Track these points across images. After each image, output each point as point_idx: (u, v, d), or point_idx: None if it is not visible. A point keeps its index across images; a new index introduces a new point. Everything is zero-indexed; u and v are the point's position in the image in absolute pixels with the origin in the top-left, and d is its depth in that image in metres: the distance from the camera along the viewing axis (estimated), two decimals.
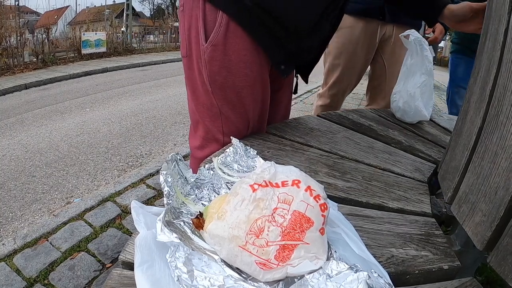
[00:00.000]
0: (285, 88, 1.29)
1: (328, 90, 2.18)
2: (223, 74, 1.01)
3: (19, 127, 4.63)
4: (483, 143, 0.68)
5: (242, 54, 1.00)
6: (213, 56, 1.00)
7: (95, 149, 3.78)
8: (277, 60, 1.06)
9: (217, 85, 1.03)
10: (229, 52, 0.99)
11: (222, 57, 0.99)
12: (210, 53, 0.99)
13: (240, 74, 1.02)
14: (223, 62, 1.00)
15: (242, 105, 1.06)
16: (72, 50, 11.10)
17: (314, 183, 0.54)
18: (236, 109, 1.07)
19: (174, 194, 0.61)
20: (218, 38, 0.98)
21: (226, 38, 0.98)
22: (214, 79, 1.02)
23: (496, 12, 0.71)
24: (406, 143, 1.22)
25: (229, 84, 1.03)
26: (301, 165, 0.94)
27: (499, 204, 0.57)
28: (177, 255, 0.46)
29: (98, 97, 6.32)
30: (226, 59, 1.00)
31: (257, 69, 1.04)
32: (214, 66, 1.01)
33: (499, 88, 0.64)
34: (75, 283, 1.75)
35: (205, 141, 1.15)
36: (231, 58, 1.00)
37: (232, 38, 0.98)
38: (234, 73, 1.01)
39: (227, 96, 1.05)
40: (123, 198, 2.59)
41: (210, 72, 1.02)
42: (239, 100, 1.05)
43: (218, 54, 0.99)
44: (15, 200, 2.71)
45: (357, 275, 0.45)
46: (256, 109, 1.10)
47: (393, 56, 2.03)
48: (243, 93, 1.05)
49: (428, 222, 0.77)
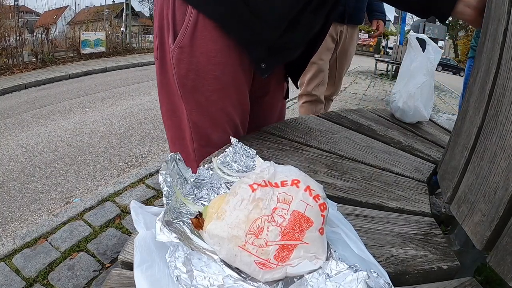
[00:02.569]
0: (276, 93, 1.22)
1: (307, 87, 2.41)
2: (191, 77, 0.96)
3: (18, 127, 4.63)
4: (482, 143, 0.68)
5: (212, 56, 0.94)
6: (180, 58, 0.95)
7: (95, 149, 3.77)
8: (256, 56, 0.98)
9: (187, 89, 0.98)
10: (196, 54, 0.94)
11: (189, 59, 0.94)
12: (177, 56, 0.95)
13: (209, 77, 0.96)
14: (190, 65, 0.95)
15: (213, 111, 1.00)
16: (71, 50, 11.10)
17: (314, 183, 0.54)
18: (206, 114, 1.01)
19: (173, 194, 0.60)
20: (184, 40, 0.93)
21: (193, 39, 0.93)
22: (183, 83, 0.97)
23: (495, 12, 0.71)
24: (406, 143, 1.22)
25: (198, 87, 0.97)
26: (301, 165, 0.94)
27: (499, 204, 0.57)
28: (177, 255, 0.46)
29: (98, 97, 6.31)
30: (194, 61, 0.94)
31: (229, 71, 0.98)
32: (181, 69, 0.96)
33: (499, 88, 0.64)
34: (74, 283, 1.75)
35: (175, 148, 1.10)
36: (199, 60, 0.94)
37: (200, 39, 0.93)
38: (202, 76, 0.96)
39: (197, 101, 0.99)
40: (123, 198, 2.59)
41: (179, 76, 0.97)
42: (210, 105, 1.00)
43: (185, 57, 0.94)
44: (14, 200, 2.71)
45: (356, 275, 0.45)
46: (230, 114, 1.04)
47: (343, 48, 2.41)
48: (213, 98, 0.99)
49: (428, 222, 0.77)
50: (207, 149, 1.00)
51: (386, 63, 11.27)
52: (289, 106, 5.40)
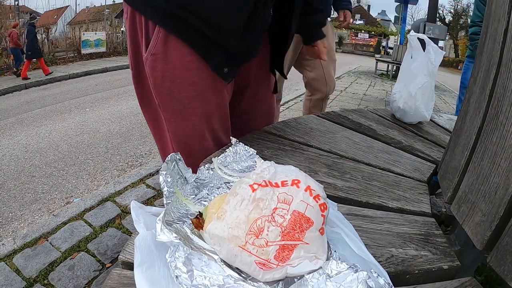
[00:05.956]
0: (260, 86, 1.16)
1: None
2: (167, 85, 0.91)
3: (18, 127, 4.64)
4: (482, 143, 0.68)
5: (186, 61, 0.90)
6: (153, 66, 0.90)
7: (95, 149, 3.78)
8: (215, 63, 0.92)
9: (163, 98, 0.94)
10: (170, 60, 0.89)
11: (163, 66, 0.89)
12: (150, 64, 0.90)
13: (185, 84, 0.92)
14: (164, 72, 0.90)
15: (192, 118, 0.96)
16: (71, 50, 11.13)
17: (314, 183, 0.54)
18: (184, 123, 0.97)
19: (173, 194, 0.61)
20: (157, 46, 0.88)
21: (166, 45, 0.88)
22: (159, 91, 0.93)
23: (496, 12, 0.71)
24: (406, 143, 1.22)
25: (175, 95, 0.93)
26: (301, 165, 0.94)
27: (499, 204, 0.57)
28: (177, 255, 0.46)
29: (98, 97, 6.32)
30: (168, 68, 0.90)
31: (207, 75, 0.93)
32: (156, 77, 0.91)
33: (499, 88, 0.64)
34: (74, 283, 1.75)
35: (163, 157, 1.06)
36: (174, 67, 0.90)
37: (173, 45, 0.88)
38: (178, 83, 0.91)
39: (174, 109, 0.95)
40: (123, 198, 2.59)
41: (154, 84, 0.93)
42: (188, 112, 0.95)
43: (158, 64, 0.89)
44: (14, 200, 2.71)
45: (356, 275, 0.45)
46: (210, 121, 0.99)
47: None
48: (192, 105, 0.94)
49: (428, 222, 0.77)
50: (190, 160, 0.93)
51: (386, 63, 11.27)
52: (290, 106, 5.40)
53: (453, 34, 32.50)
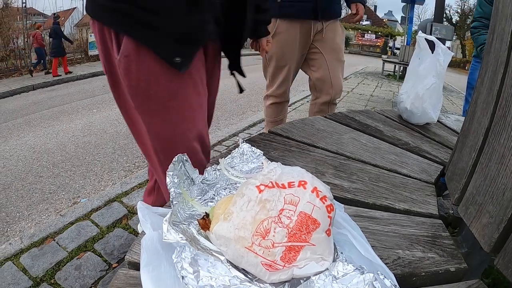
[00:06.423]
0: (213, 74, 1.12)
1: (277, 89, 2.35)
2: (142, 85, 0.88)
3: (26, 128, 4.68)
4: (490, 144, 0.68)
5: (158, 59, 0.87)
6: (127, 68, 0.87)
7: (102, 149, 3.80)
8: (165, 52, 0.88)
9: (139, 100, 0.91)
10: (145, 59, 0.86)
11: (137, 66, 0.86)
12: (124, 66, 0.87)
13: (162, 82, 0.89)
14: (139, 73, 0.87)
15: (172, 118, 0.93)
16: (79, 51, 11.20)
17: (321, 184, 0.54)
18: (164, 124, 0.93)
19: (180, 195, 0.61)
20: (129, 47, 0.85)
21: (138, 45, 0.85)
22: (135, 93, 0.90)
23: (503, 12, 0.70)
24: (413, 144, 1.21)
25: (152, 95, 0.89)
26: (308, 166, 0.94)
27: (507, 206, 0.57)
28: (183, 256, 0.46)
29: (105, 98, 6.35)
30: (143, 68, 0.87)
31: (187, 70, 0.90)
32: (131, 79, 0.88)
33: (507, 88, 0.64)
34: (81, 282, 1.76)
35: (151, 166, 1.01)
36: (148, 66, 0.87)
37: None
38: (154, 82, 0.88)
39: (152, 110, 0.91)
40: (130, 198, 2.60)
41: (129, 86, 0.89)
42: (167, 112, 0.92)
43: (132, 65, 0.86)
44: (22, 200, 2.73)
45: (363, 276, 0.45)
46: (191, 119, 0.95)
47: (327, 44, 2.23)
48: (170, 104, 0.91)
49: (435, 223, 0.77)
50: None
51: (393, 64, 11.22)
52: (297, 107, 5.39)
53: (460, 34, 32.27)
